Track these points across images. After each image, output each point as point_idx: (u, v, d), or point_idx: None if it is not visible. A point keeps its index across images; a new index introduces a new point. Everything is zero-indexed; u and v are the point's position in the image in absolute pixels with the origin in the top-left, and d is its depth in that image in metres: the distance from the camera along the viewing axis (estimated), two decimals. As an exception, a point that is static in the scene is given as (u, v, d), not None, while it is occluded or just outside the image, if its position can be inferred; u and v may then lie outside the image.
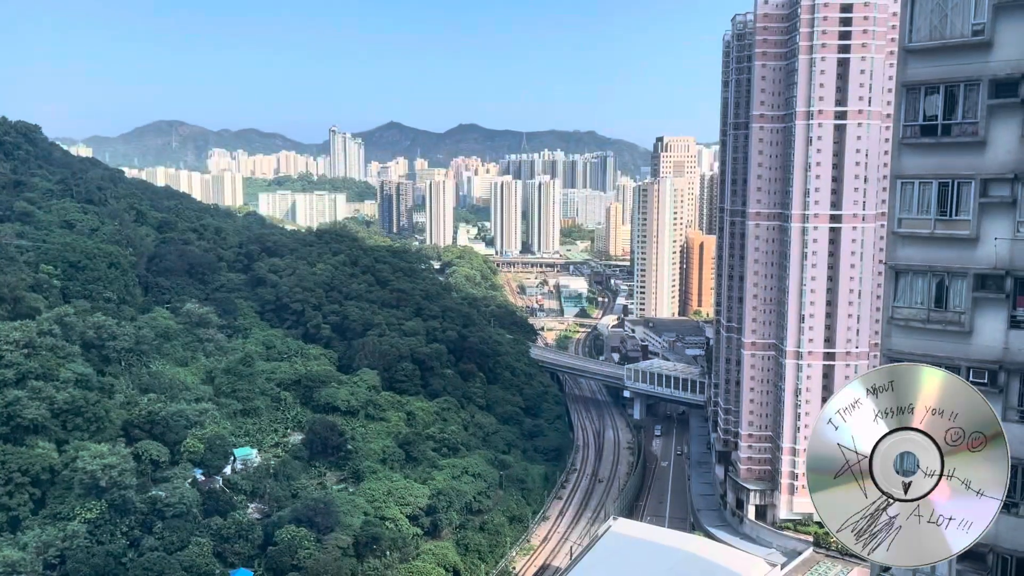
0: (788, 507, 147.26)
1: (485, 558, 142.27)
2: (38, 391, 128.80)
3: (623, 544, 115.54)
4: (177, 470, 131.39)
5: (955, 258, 33.33)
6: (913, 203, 34.66)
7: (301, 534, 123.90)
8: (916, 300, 35.18)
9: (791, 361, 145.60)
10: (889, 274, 36.04)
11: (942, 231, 33.62)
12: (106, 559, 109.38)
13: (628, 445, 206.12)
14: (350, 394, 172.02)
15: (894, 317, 35.71)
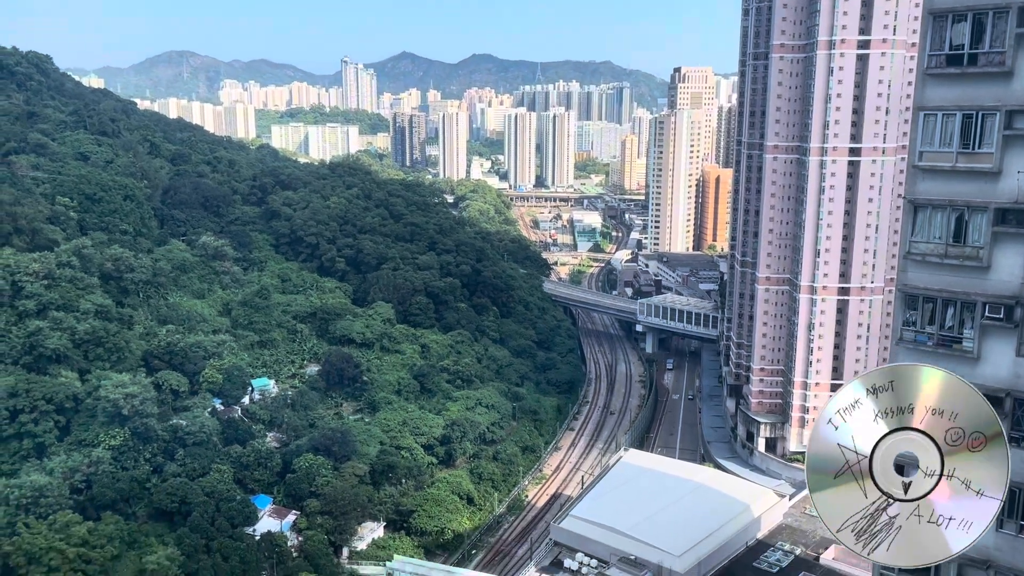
0: (798, 440, 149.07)
1: (498, 486, 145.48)
2: (59, 322, 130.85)
3: (634, 474, 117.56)
4: (196, 400, 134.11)
5: (976, 192, 32.92)
6: (935, 136, 34.08)
7: (319, 462, 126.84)
8: (934, 235, 34.91)
9: (805, 296, 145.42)
10: (907, 208, 35.69)
11: (964, 164, 33.14)
12: (130, 484, 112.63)
13: (640, 378, 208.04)
14: (365, 327, 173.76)
15: (911, 252, 35.50)
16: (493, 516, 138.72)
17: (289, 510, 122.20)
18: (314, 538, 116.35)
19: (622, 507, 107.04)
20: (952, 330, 34.62)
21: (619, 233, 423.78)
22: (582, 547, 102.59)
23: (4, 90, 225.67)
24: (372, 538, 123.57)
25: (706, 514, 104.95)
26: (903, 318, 35.88)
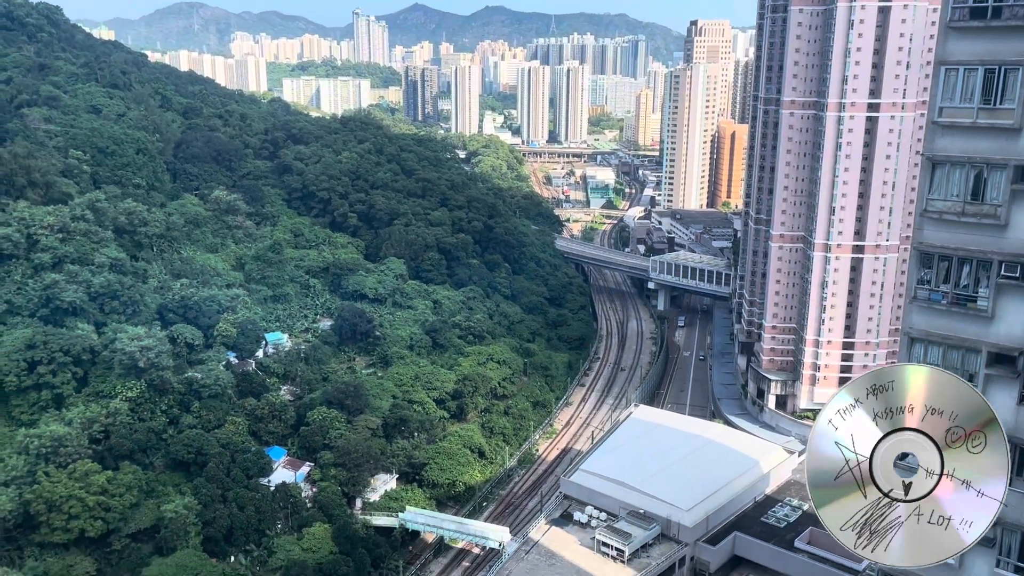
0: (808, 397, 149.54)
1: (509, 440, 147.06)
2: (75, 275, 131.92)
3: (643, 429, 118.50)
4: (211, 353, 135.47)
5: (996, 149, 32.41)
6: (956, 91, 33.48)
7: (332, 415, 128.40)
8: (952, 192, 34.49)
9: (819, 254, 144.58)
10: (925, 165, 35.23)
11: (984, 120, 32.58)
12: (147, 435, 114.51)
13: (651, 335, 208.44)
14: (377, 282, 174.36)
15: (928, 210, 35.12)
16: (504, 469, 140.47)
17: (303, 462, 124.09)
18: (328, 489, 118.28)
19: (632, 462, 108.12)
20: (967, 288, 34.39)
21: (632, 190, 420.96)
22: (592, 500, 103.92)
23: (15, 42, 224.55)
24: (385, 490, 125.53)
25: (715, 470, 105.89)
26: (918, 276, 35.64)
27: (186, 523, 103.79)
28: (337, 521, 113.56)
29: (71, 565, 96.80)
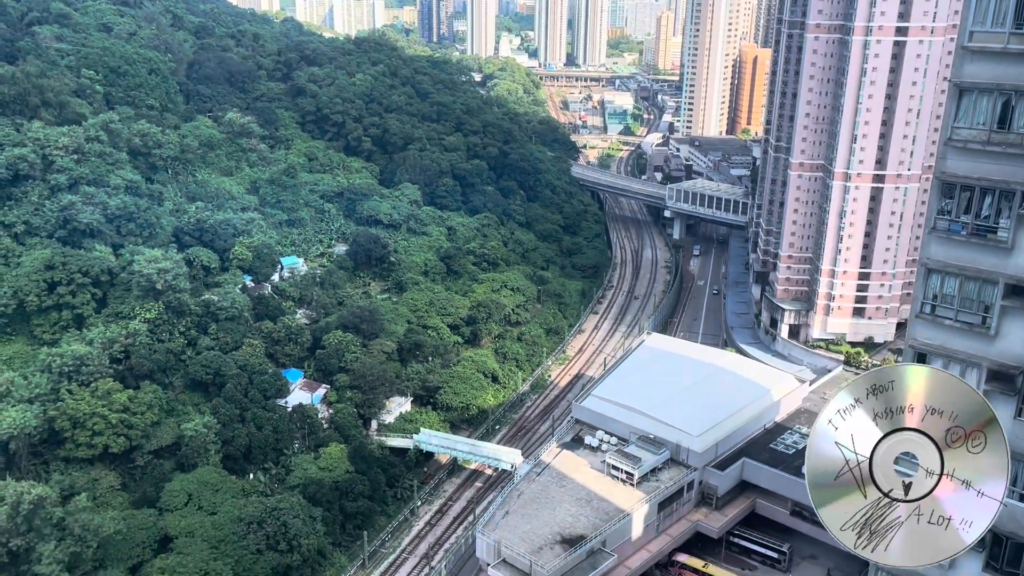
0: (822, 327, 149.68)
1: (522, 366, 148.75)
2: (91, 196, 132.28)
3: (655, 356, 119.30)
4: (227, 276, 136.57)
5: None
6: (988, 14, 32.34)
7: (348, 339, 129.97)
8: (978, 120, 33.68)
9: (838, 183, 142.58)
10: (952, 92, 34.31)
11: (1016, 46, 31.55)
12: (166, 355, 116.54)
13: (666, 264, 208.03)
14: (392, 208, 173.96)
15: (952, 138, 34.38)
16: (517, 394, 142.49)
17: (319, 384, 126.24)
18: (344, 411, 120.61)
19: (643, 388, 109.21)
20: (988, 220, 33.89)
21: (651, 116, 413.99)
22: (603, 425, 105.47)
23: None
24: (400, 412, 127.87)
25: (725, 397, 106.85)
26: (938, 207, 35.13)
27: (206, 441, 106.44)
28: (353, 441, 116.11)
29: (96, 479, 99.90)
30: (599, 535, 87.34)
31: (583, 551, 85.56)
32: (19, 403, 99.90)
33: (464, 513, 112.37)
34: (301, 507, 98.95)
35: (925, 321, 35.27)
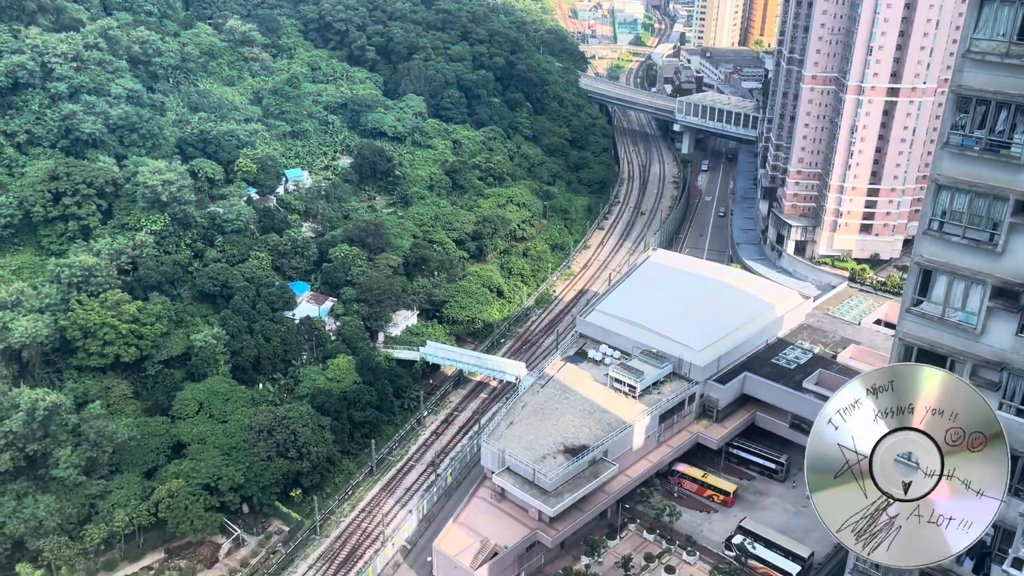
0: (828, 244, 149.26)
1: (527, 281, 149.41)
2: (92, 106, 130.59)
3: (660, 272, 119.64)
4: (232, 188, 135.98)
5: (1052, -17, 30.44)
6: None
7: (354, 253, 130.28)
8: (999, 31, 32.75)
9: (851, 96, 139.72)
10: (973, 2, 33.27)
11: (1043, -49, 30.39)
12: (174, 267, 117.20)
13: (673, 179, 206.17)
14: (396, 120, 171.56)
15: (971, 50, 33.52)
16: (521, 309, 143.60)
17: (326, 297, 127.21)
18: (351, 323, 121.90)
19: (647, 304, 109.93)
20: (1002, 135, 33.36)
21: (662, 25, 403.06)
22: (606, 339, 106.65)
23: None
24: (406, 325, 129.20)
25: (729, 312, 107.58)
26: (952, 121, 34.53)
27: (215, 352, 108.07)
28: (360, 353, 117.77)
29: (109, 388, 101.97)
30: (601, 445, 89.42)
31: (585, 460, 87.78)
32: (30, 313, 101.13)
33: (469, 423, 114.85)
34: (310, 416, 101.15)
35: (932, 238, 35.15)
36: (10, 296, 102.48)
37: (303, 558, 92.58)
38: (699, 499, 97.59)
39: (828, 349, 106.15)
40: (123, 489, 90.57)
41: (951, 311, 34.79)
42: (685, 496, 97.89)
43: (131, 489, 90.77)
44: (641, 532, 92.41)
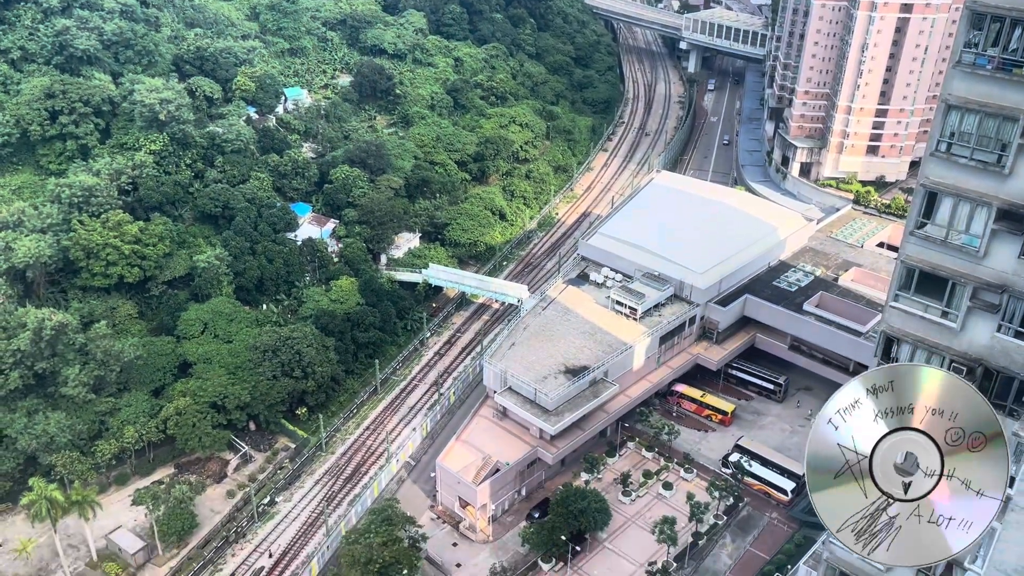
0: (834, 166, 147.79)
1: (530, 203, 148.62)
2: (85, 21, 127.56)
3: (664, 195, 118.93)
4: (231, 107, 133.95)
5: None
6: None
7: (355, 174, 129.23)
8: (1018, -57, 31.64)
9: (863, 13, 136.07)
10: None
11: None
12: (174, 188, 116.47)
13: (679, 99, 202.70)
14: (396, 36, 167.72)
15: (989, -37, 32.41)
16: (524, 231, 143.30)
17: (328, 218, 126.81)
18: (353, 245, 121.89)
19: (650, 226, 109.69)
20: (1015, 53, 32.59)
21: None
22: (608, 262, 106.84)
23: None
24: (408, 247, 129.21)
25: (732, 235, 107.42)
26: (966, 38, 33.67)
27: (218, 273, 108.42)
28: (363, 275, 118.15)
29: (114, 308, 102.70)
30: (601, 366, 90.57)
31: (586, 380, 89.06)
32: (32, 233, 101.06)
33: (472, 344, 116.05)
34: (314, 336, 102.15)
35: (939, 159, 34.73)
36: (11, 216, 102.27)
37: (309, 473, 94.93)
38: (697, 419, 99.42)
39: (830, 272, 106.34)
40: (132, 407, 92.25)
41: (955, 234, 34.64)
42: (684, 416, 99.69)
43: (139, 407, 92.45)
44: (640, 450, 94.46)
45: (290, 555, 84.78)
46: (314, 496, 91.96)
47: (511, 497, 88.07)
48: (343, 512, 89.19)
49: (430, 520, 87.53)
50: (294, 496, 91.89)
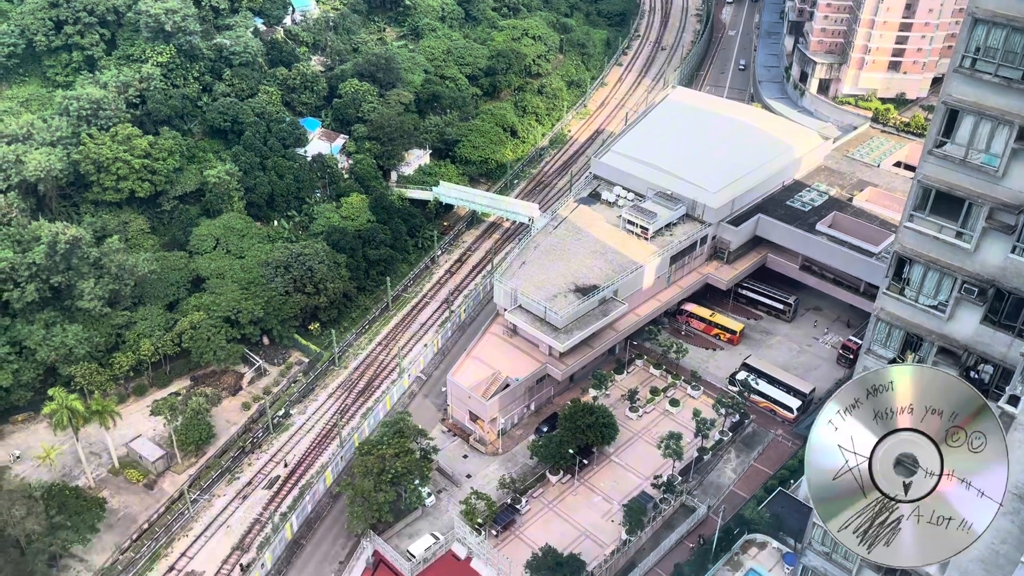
0: (854, 82, 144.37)
1: (542, 120, 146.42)
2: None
3: (679, 112, 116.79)
4: (238, 18, 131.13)
5: None
6: None
7: (364, 88, 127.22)
8: None
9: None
10: None
11: None
12: (182, 101, 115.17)
13: (696, 12, 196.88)
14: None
15: None
16: (535, 149, 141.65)
17: (337, 134, 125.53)
18: (363, 161, 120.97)
19: (664, 144, 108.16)
20: (1049, -36, 31.36)
21: None
22: (620, 181, 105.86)
23: None
24: (418, 164, 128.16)
25: (746, 153, 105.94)
26: (997, -53, 32.37)
27: (229, 188, 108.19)
28: (373, 192, 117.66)
29: (126, 222, 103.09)
30: (611, 285, 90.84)
31: (595, 299, 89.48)
32: (42, 146, 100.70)
33: (482, 263, 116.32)
34: (325, 253, 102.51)
35: (963, 76, 33.85)
36: (21, 129, 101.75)
37: (323, 387, 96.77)
38: (706, 337, 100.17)
39: (844, 191, 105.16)
40: (147, 320, 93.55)
41: (974, 153, 34.05)
42: (692, 334, 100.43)
43: (155, 320, 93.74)
44: (648, 368, 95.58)
45: (305, 465, 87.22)
46: (328, 409, 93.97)
47: (520, 412, 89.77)
48: (356, 424, 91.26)
49: (441, 433, 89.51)
50: (308, 409, 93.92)
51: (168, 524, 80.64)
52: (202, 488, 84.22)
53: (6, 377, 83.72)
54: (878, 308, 38.80)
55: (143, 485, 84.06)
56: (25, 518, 68.50)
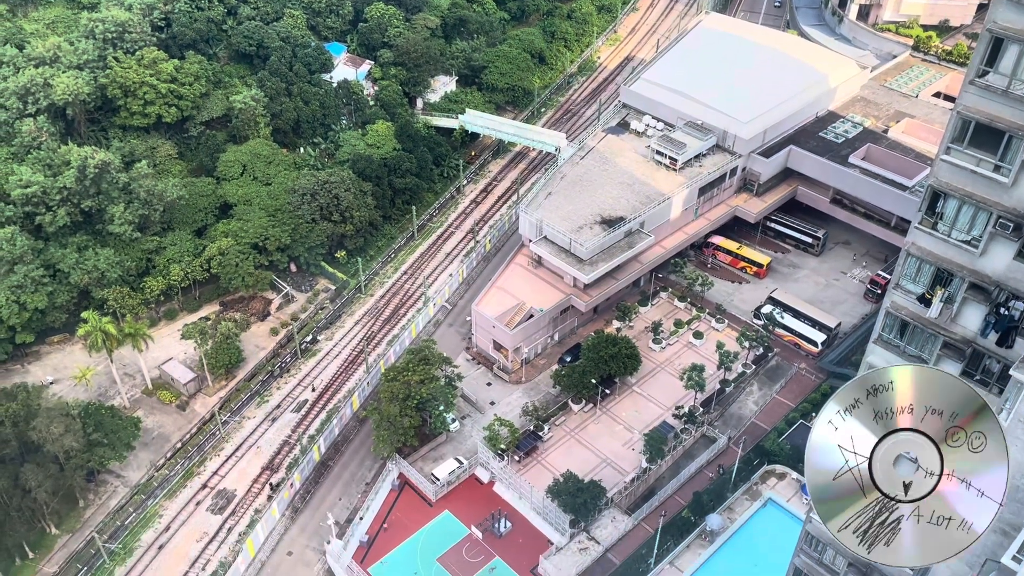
0: (895, 8, 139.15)
1: (571, 46, 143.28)
2: None
3: (712, 39, 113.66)
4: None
5: None
6: None
7: (390, 12, 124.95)
8: None
9: None
10: None
11: None
12: (208, 25, 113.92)
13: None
14: None
15: None
16: (564, 76, 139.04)
17: (363, 60, 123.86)
18: (389, 88, 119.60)
19: (695, 73, 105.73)
20: None
21: None
22: (650, 110, 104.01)
23: None
24: (445, 91, 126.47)
25: (780, 83, 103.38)
26: None
27: (255, 114, 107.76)
28: (399, 120, 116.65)
29: (154, 147, 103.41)
30: (638, 217, 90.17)
31: (621, 231, 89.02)
32: (69, 69, 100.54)
33: (508, 193, 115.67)
34: (352, 181, 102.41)
35: (1010, 1, 32.48)
36: (48, 52, 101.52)
37: (349, 314, 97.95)
38: (732, 270, 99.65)
39: (880, 123, 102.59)
40: (176, 246, 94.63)
41: (1018, 84, 32.88)
42: (719, 267, 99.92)
43: (184, 246, 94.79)
44: (672, 300, 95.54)
45: (332, 389, 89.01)
46: (354, 335, 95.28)
47: (544, 342, 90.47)
48: (382, 351, 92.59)
49: (465, 361, 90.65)
50: (335, 335, 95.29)
51: (200, 444, 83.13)
52: (232, 410, 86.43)
53: (41, 299, 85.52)
54: (909, 242, 38.21)
55: (175, 406, 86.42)
56: (63, 435, 70.86)
